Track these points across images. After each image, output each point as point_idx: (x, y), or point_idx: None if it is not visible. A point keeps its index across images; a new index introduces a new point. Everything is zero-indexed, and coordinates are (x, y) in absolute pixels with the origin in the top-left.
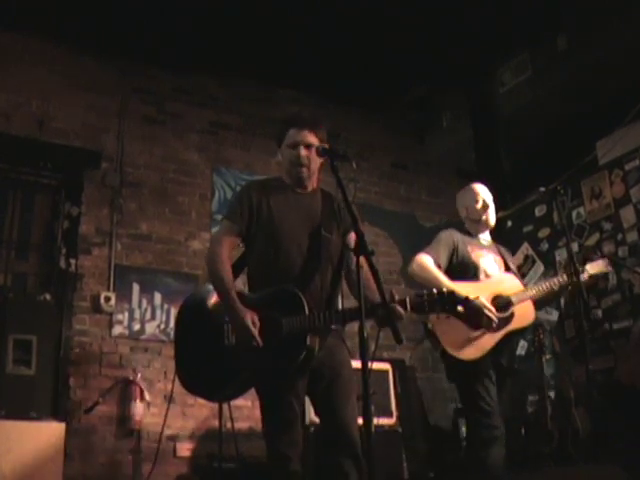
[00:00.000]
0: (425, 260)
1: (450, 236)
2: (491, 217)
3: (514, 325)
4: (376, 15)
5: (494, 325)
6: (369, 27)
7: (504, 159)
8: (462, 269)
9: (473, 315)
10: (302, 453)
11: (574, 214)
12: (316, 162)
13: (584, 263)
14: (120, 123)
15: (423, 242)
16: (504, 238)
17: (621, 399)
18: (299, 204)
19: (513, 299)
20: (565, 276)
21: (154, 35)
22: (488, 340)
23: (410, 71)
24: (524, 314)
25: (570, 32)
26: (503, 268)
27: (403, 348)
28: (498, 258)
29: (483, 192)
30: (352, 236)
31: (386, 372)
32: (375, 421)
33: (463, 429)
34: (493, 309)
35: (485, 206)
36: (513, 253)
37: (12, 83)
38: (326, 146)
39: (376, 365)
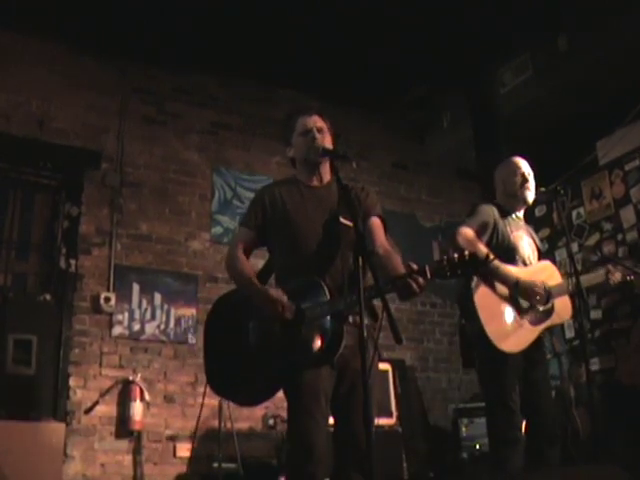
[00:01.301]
0: (473, 236)
1: (492, 212)
2: (528, 193)
3: (554, 320)
4: (376, 15)
5: (542, 302)
6: (369, 27)
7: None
8: (499, 252)
9: (522, 296)
10: (323, 454)
11: (574, 214)
12: (330, 145)
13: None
14: (120, 123)
15: (423, 242)
16: None
17: (621, 399)
18: (313, 195)
19: (553, 291)
20: (611, 274)
21: (154, 35)
22: (529, 334)
23: (410, 71)
24: (563, 308)
25: (570, 32)
26: (536, 252)
27: (403, 348)
28: (531, 241)
29: (523, 165)
30: (374, 221)
31: (386, 372)
32: (375, 421)
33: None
34: (543, 285)
35: (524, 180)
36: None
37: (12, 83)
38: (326, 146)
39: None
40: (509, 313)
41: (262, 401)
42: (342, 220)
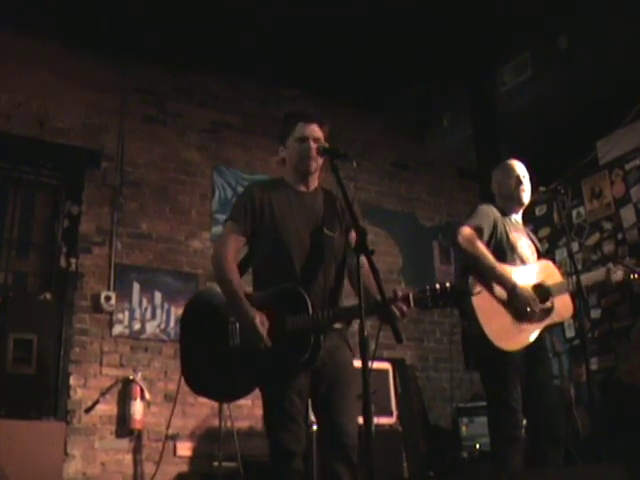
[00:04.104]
0: (473, 235)
1: (491, 212)
2: (523, 194)
3: (554, 319)
4: (376, 15)
5: (535, 317)
6: (369, 27)
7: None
8: (498, 250)
9: (516, 304)
10: (305, 451)
11: (574, 213)
12: (320, 158)
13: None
14: (121, 122)
15: (423, 242)
16: None
17: (621, 398)
18: (301, 203)
19: (553, 290)
20: (613, 272)
21: (154, 35)
22: (529, 332)
23: (410, 70)
24: (564, 307)
25: (570, 32)
26: (536, 254)
27: (403, 347)
28: (530, 243)
29: (518, 167)
30: (354, 234)
31: (386, 371)
32: (375, 420)
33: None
34: (537, 300)
35: (518, 182)
36: None
37: (12, 83)
38: (327, 145)
39: (376, 364)
40: (507, 312)
41: (239, 398)
42: (326, 231)
